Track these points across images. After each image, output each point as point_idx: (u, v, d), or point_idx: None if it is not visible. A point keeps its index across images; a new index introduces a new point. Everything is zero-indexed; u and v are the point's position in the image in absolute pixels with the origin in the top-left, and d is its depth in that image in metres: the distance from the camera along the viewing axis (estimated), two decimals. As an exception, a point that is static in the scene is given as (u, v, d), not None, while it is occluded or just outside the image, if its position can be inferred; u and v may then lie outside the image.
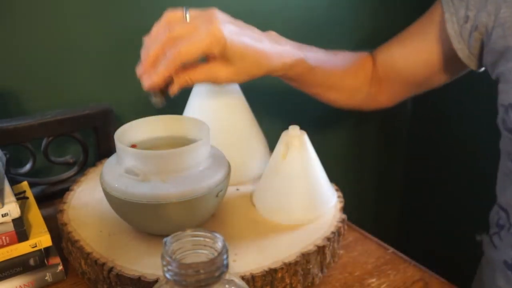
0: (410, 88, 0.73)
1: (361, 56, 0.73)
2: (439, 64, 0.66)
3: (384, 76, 0.72)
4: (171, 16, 0.53)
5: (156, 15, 0.57)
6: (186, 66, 0.52)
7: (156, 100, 0.54)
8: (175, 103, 0.61)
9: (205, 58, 0.54)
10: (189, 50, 0.49)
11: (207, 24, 0.50)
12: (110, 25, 0.72)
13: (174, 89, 0.53)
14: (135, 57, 0.55)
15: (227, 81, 0.55)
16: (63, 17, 0.68)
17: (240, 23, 0.55)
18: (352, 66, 0.71)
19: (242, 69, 0.54)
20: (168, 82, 0.53)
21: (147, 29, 0.54)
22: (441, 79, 0.69)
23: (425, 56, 0.67)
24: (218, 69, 0.53)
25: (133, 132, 0.56)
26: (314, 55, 0.64)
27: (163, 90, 0.54)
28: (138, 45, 0.55)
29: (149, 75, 0.51)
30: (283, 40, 0.60)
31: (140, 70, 0.53)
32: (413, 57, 0.68)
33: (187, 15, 0.53)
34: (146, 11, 0.73)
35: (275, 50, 0.57)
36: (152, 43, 0.52)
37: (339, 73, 0.69)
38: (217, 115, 0.63)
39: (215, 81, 0.55)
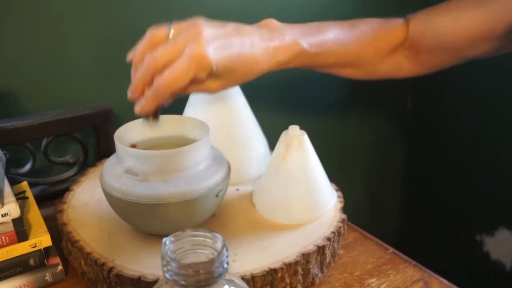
0: (452, 58, 0.68)
1: (389, 25, 0.67)
2: (496, 32, 0.61)
3: (423, 46, 0.66)
4: (154, 35, 0.52)
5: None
6: None
7: (150, 122, 0.54)
8: (175, 103, 0.61)
9: None
10: (176, 81, 0.48)
11: (192, 46, 0.48)
12: (110, 25, 0.72)
13: (167, 102, 0.52)
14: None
15: (217, 90, 0.54)
16: (63, 17, 0.68)
17: (228, 28, 0.53)
18: (373, 38, 0.66)
19: (233, 80, 0.53)
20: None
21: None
22: (491, 48, 0.64)
23: (479, 28, 0.62)
24: (208, 84, 0.52)
25: (133, 132, 0.56)
26: (320, 39, 0.60)
27: (156, 112, 0.53)
28: (127, 60, 0.55)
29: (139, 103, 0.51)
30: (284, 28, 0.57)
31: (130, 94, 0.52)
32: (464, 27, 0.63)
33: (171, 32, 0.51)
34: (146, 11, 0.73)
35: (268, 50, 0.54)
36: (139, 67, 0.51)
37: (355, 50, 0.64)
38: (217, 115, 0.63)
39: (205, 91, 0.54)
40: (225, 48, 0.50)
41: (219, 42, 0.50)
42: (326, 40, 0.61)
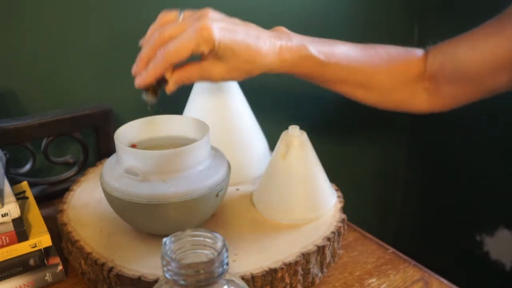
0: (474, 91, 0.66)
1: (406, 53, 0.66)
2: None
3: (442, 77, 0.65)
4: (165, 17, 0.54)
5: (156, 15, 0.57)
6: (180, 65, 0.53)
7: (148, 98, 0.54)
8: (175, 103, 0.62)
9: (200, 57, 0.54)
10: (178, 51, 0.49)
11: (197, 23, 0.50)
12: (110, 25, 0.72)
13: (170, 88, 0.54)
14: (135, 57, 0.55)
15: (221, 78, 0.54)
16: (63, 17, 0.68)
17: (236, 20, 0.54)
18: (388, 62, 0.64)
19: (235, 66, 0.53)
20: (160, 80, 0.53)
21: (147, 30, 0.55)
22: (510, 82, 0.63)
23: (501, 56, 0.60)
24: (211, 67, 0.53)
25: (133, 132, 0.56)
26: (330, 49, 0.60)
27: (156, 88, 0.54)
28: (138, 45, 0.55)
29: (141, 75, 0.52)
30: (293, 34, 0.57)
31: (134, 69, 0.53)
32: (484, 57, 0.61)
33: (181, 16, 0.53)
34: (146, 11, 0.73)
35: (274, 45, 0.55)
36: (145, 44, 0.52)
37: (367, 69, 0.63)
38: (217, 115, 0.63)
39: (209, 79, 0.54)
40: (229, 31, 0.52)
41: (225, 24, 0.52)
42: (337, 52, 0.60)
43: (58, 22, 0.68)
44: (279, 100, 0.94)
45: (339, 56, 0.60)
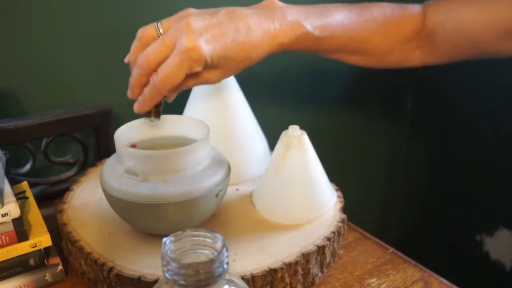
0: (471, 52, 0.64)
1: (403, 12, 0.63)
2: None
3: (441, 37, 0.63)
4: (144, 34, 0.52)
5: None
6: None
7: (151, 119, 0.55)
8: (175, 103, 0.61)
9: None
10: (171, 78, 0.48)
11: (182, 40, 0.48)
12: (110, 25, 0.72)
13: (170, 98, 0.54)
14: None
15: (217, 80, 0.54)
16: (62, 17, 0.68)
17: (220, 15, 0.51)
18: (384, 25, 0.62)
19: (232, 68, 0.52)
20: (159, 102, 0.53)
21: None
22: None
23: (510, 21, 0.58)
24: (208, 75, 0.52)
25: (133, 132, 0.56)
26: (325, 22, 0.57)
27: (158, 109, 0.54)
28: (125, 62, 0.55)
29: (138, 102, 0.52)
30: (286, 8, 0.55)
31: (129, 94, 0.53)
32: (493, 19, 0.59)
33: (160, 29, 0.51)
34: (145, 11, 0.73)
35: (268, 32, 0.52)
36: (134, 68, 0.51)
37: (363, 36, 0.61)
38: (217, 115, 0.63)
39: (205, 83, 0.54)
40: (217, 38, 0.49)
41: (211, 32, 0.49)
42: (332, 23, 0.58)
43: (58, 22, 0.68)
44: (279, 100, 0.94)
45: (334, 27, 0.58)
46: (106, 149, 0.72)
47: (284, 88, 0.93)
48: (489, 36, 0.60)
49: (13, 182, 0.59)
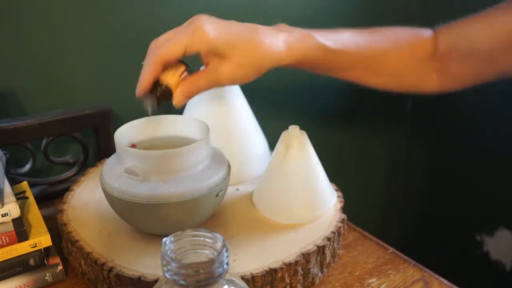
0: (487, 71, 0.64)
1: (415, 34, 0.64)
2: None
3: (455, 56, 0.63)
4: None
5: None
6: (186, 77, 0.52)
7: (147, 107, 0.53)
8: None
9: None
10: (169, 49, 0.49)
11: (188, 24, 0.50)
12: (110, 25, 0.72)
13: (179, 100, 0.52)
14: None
15: (230, 79, 0.53)
16: (62, 17, 0.68)
17: (233, 21, 0.53)
18: (398, 46, 0.63)
19: (241, 62, 0.52)
20: (162, 92, 0.52)
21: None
22: None
23: None
24: (217, 68, 0.51)
25: (133, 132, 0.56)
26: (337, 36, 0.58)
27: (159, 98, 0.53)
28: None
29: (138, 83, 0.52)
30: (294, 29, 0.56)
31: (137, 90, 0.53)
32: (502, 35, 0.59)
33: None
34: (146, 12, 0.73)
35: (276, 37, 0.53)
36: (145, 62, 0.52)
37: (376, 54, 0.61)
38: (217, 115, 0.63)
39: (218, 82, 0.53)
40: (223, 27, 0.51)
41: (220, 23, 0.51)
42: (344, 39, 0.59)
43: (58, 22, 0.68)
44: (279, 100, 0.94)
45: (347, 43, 0.59)
46: (106, 149, 0.72)
47: (284, 88, 0.93)
48: (500, 52, 0.60)
49: (13, 182, 0.59)
